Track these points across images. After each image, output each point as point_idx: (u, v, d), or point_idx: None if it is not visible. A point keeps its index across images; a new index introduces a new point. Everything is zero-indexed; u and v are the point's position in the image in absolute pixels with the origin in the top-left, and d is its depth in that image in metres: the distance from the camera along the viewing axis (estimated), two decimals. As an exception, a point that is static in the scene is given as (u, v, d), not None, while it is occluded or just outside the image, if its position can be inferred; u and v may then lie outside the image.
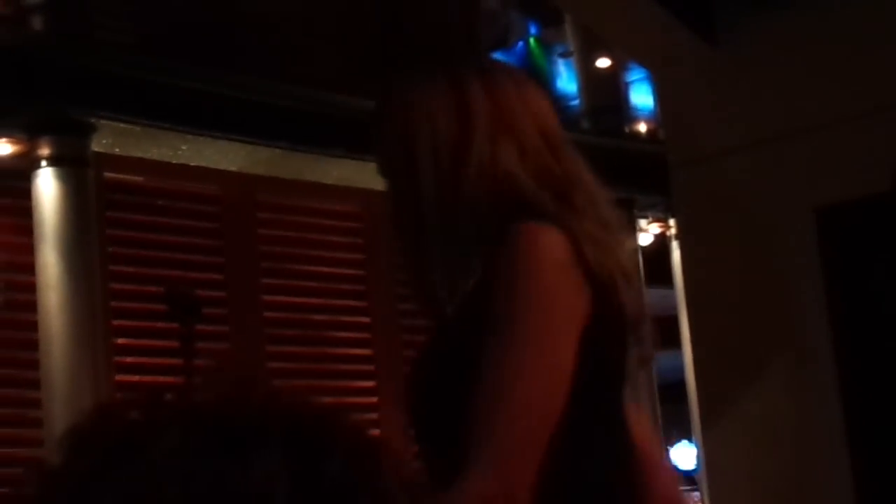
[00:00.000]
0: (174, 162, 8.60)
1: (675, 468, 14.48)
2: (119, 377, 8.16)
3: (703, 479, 10.51)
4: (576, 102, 11.44)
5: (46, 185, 7.78)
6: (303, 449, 0.73)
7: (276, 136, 8.78)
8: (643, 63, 6.40)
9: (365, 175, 9.42)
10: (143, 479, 0.72)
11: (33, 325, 7.72)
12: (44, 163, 7.79)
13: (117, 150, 8.39)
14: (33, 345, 7.70)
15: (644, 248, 10.90)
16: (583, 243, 1.93)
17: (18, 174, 7.86)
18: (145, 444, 0.73)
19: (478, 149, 1.99)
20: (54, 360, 7.58)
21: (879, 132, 4.67)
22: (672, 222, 11.03)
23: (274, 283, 9.27)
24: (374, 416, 8.96)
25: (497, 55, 11.35)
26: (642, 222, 11.03)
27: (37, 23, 7.95)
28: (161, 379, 7.84)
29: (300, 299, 9.42)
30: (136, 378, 8.17)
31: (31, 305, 7.70)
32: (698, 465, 11.60)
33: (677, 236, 11.02)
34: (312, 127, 8.88)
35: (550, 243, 1.90)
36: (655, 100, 11.37)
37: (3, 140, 7.86)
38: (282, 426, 0.74)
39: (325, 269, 9.63)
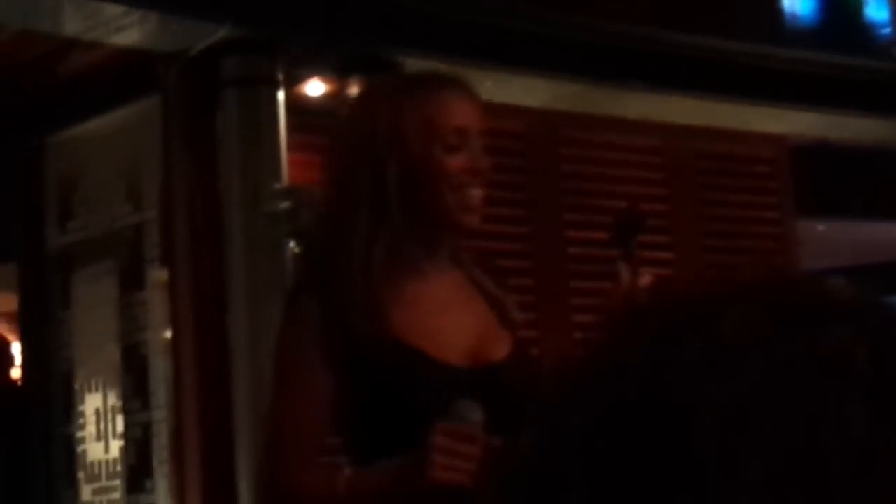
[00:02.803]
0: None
1: None
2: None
3: None
4: (887, 30, 11.06)
5: (356, 124, 7.97)
6: (870, 326, 0.74)
7: (580, 71, 8.78)
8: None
9: (666, 110, 9.36)
10: (716, 343, 0.73)
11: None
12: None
13: (422, 88, 8.53)
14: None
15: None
16: None
17: (330, 113, 8.08)
18: (713, 315, 0.74)
19: None
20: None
21: None
22: None
23: (577, 219, 9.30)
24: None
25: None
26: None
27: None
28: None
29: (603, 235, 9.43)
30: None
31: (343, 241, 7.93)
32: None
33: None
34: (615, 61, 8.84)
35: None
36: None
37: (315, 80, 8.09)
38: (845, 303, 0.75)
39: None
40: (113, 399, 8.18)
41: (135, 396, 8.05)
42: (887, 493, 0.70)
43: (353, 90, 8.02)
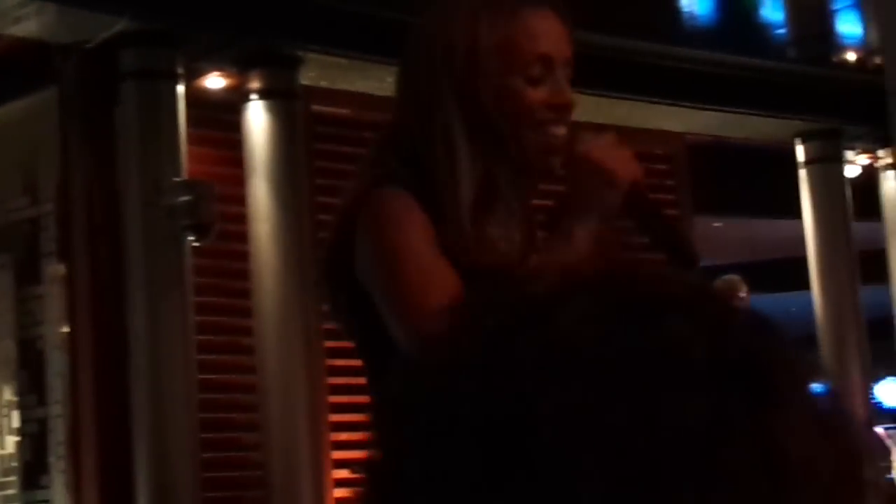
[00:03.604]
0: (380, 94, 8.70)
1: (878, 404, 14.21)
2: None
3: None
4: (782, 31, 11.24)
5: (256, 118, 7.96)
6: (707, 318, 0.74)
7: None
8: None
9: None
10: (552, 340, 0.72)
11: (245, 256, 7.93)
12: (254, 96, 7.97)
13: (324, 83, 8.52)
14: (245, 274, 7.92)
15: (852, 181, 10.69)
16: None
17: (229, 107, 8.05)
18: (551, 310, 0.74)
19: None
20: (265, 288, 7.78)
21: None
22: (882, 153, 10.79)
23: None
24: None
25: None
26: (849, 154, 10.80)
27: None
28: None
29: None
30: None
31: (243, 236, 7.91)
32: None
33: (890, 166, 10.81)
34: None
35: None
36: (864, 27, 11.10)
37: (215, 74, 8.06)
38: (682, 297, 0.75)
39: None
40: (8, 394, 8.10)
41: (31, 392, 7.97)
42: (723, 489, 0.70)
43: (254, 84, 8.01)
